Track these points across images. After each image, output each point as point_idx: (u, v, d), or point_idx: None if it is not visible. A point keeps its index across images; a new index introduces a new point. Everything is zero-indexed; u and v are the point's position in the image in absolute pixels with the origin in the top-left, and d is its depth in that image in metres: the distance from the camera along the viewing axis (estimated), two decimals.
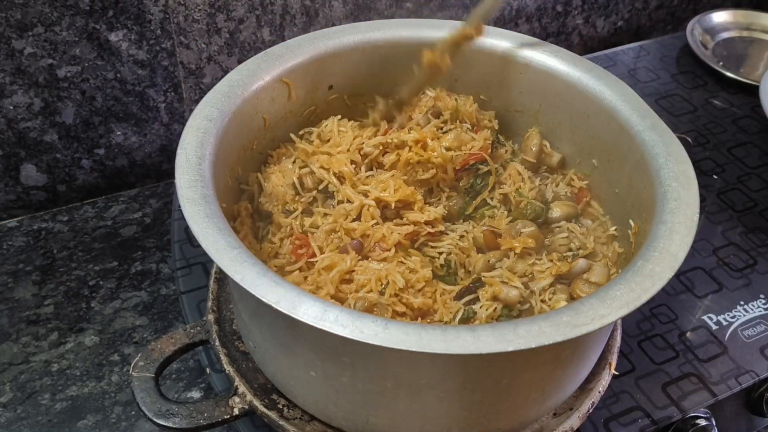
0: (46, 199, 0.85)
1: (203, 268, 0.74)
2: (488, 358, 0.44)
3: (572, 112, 0.65)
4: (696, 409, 0.65)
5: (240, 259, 0.44)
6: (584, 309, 0.43)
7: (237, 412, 0.54)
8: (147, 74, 0.82)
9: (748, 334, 0.71)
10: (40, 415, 0.63)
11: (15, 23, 0.72)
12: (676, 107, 1.02)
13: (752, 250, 0.80)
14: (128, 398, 0.65)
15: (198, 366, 0.67)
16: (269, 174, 0.63)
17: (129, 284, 0.75)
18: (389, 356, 0.45)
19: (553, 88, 0.65)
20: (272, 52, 0.63)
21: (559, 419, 0.56)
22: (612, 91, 0.61)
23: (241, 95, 0.59)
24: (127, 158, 0.87)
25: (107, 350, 0.69)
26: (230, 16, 0.83)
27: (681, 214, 0.50)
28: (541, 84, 0.66)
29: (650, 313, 0.73)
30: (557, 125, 0.67)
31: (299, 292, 0.43)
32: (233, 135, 0.59)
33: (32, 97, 0.77)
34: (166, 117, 0.86)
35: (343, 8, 0.89)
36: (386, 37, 0.67)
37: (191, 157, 0.52)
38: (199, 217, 0.47)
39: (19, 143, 0.79)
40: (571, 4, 1.09)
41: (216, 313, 0.60)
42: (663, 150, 0.55)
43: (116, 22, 0.76)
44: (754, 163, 0.93)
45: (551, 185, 0.65)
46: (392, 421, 0.50)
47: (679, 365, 0.68)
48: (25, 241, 0.79)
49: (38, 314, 0.72)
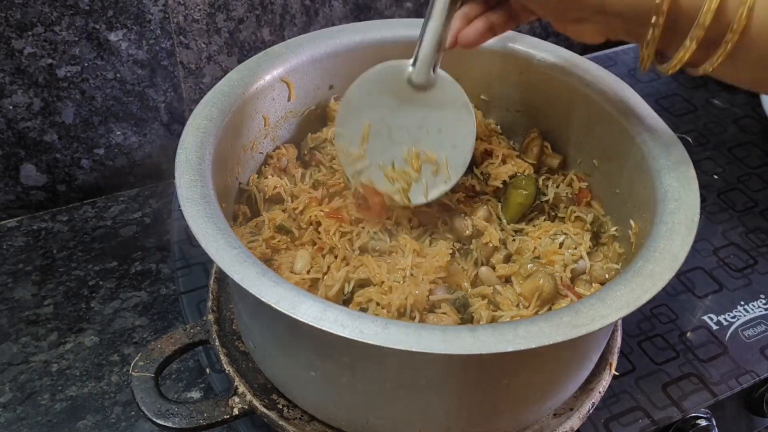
0: (46, 199, 0.85)
1: (203, 268, 0.74)
2: (488, 358, 0.44)
3: (573, 113, 0.65)
4: (696, 409, 0.65)
5: (240, 259, 0.44)
6: (584, 309, 0.43)
7: (237, 412, 0.54)
8: (147, 74, 0.82)
9: (748, 334, 0.71)
10: (40, 415, 0.63)
11: (15, 23, 0.72)
12: (676, 107, 1.01)
13: (752, 250, 0.80)
14: (128, 398, 0.65)
15: (198, 366, 0.67)
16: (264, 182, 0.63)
17: (129, 284, 0.75)
18: (389, 356, 0.45)
19: (554, 88, 0.65)
20: (272, 51, 0.63)
21: (559, 419, 0.55)
22: (613, 91, 0.61)
23: (241, 95, 0.59)
24: (127, 158, 0.87)
25: (107, 350, 0.69)
26: (230, 16, 0.83)
27: (681, 215, 0.49)
28: (542, 84, 0.66)
29: (650, 313, 0.73)
30: (558, 126, 0.67)
31: (299, 292, 0.43)
32: (233, 135, 0.59)
33: (32, 97, 0.77)
34: (166, 117, 0.86)
35: (343, 8, 0.89)
36: (386, 37, 0.67)
37: (191, 157, 0.52)
38: (199, 217, 0.47)
39: (19, 143, 0.79)
40: None
41: (216, 313, 0.60)
42: (663, 150, 0.55)
43: (116, 22, 0.76)
44: (755, 163, 0.93)
45: (552, 186, 0.65)
46: (392, 421, 0.50)
47: (680, 365, 0.68)
48: (25, 241, 0.79)
49: (38, 314, 0.72)
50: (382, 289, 0.52)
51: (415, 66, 0.56)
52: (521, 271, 0.57)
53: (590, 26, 0.48)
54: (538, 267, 0.56)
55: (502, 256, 0.58)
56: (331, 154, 0.65)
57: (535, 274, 0.55)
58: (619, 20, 0.46)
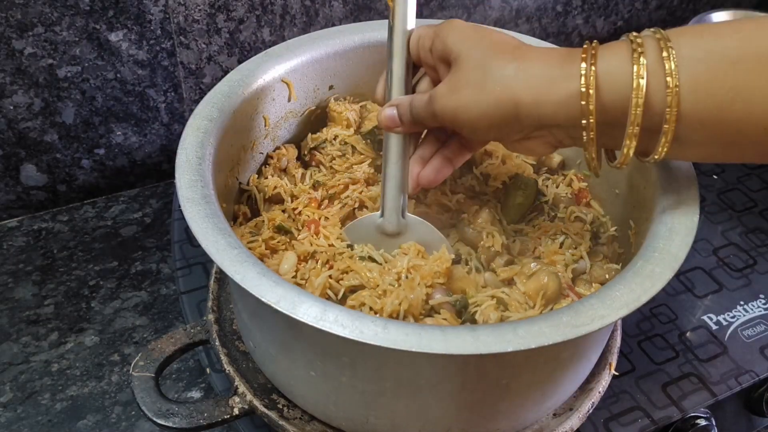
0: (46, 199, 0.85)
1: (203, 268, 0.74)
2: (488, 358, 0.44)
3: None
4: (696, 409, 0.65)
5: (240, 259, 0.44)
6: (584, 309, 0.43)
7: (237, 412, 0.54)
8: (147, 74, 0.82)
9: (748, 334, 0.71)
10: (40, 415, 0.63)
11: (15, 23, 0.72)
12: None
13: (752, 250, 0.80)
14: (128, 398, 0.65)
15: (198, 366, 0.67)
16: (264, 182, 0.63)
17: (129, 284, 0.75)
18: (389, 356, 0.45)
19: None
20: (272, 52, 0.63)
21: (559, 419, 0.56)
22: None
23: (241, 95, 0.59)
24: (127, 158, 0.87)
25: (107, 350, 0.69)
26: (230, 16, 0.83)
27: (681, 215, 0.50)
28: None
29: (650, 313, 0.73)
30: None
31: (299, 292, 0.43)
32: (233, 135, 0.59)
33: (32, 97, 0.77)
34: (166, 117, 0.86)
35: (343, 8, 0.89)
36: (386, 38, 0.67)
37: (191, 157, 0.52)
38: (199, 217, 0.47)
39: (19, 143, 0.79)
40: (570, 4, 1.09)
41: (216, 313, 0.60)
42: None
43: (116, 22, 0.76)
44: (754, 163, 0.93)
45: (552, 186, 0.65)
46: (392, 421, 0.50)
47: (679, 365, 0.68)
48: (25, 241, 0.79)
49: (38, 314, 0.72)
50: (375, 293, 0.51)
51: (384, 216, 0.56)
52: (524, 270, 0.56)
53: (537, 141, 0.48)
54: (541, 266, 0.56)
55: (503, 260, 0.58)
56: (331, 154, 0.65)
57: (539, 272, 0.55)
58: (560, 130, 0.46)
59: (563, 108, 0.44)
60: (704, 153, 0.45)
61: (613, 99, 0.43)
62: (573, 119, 0.44)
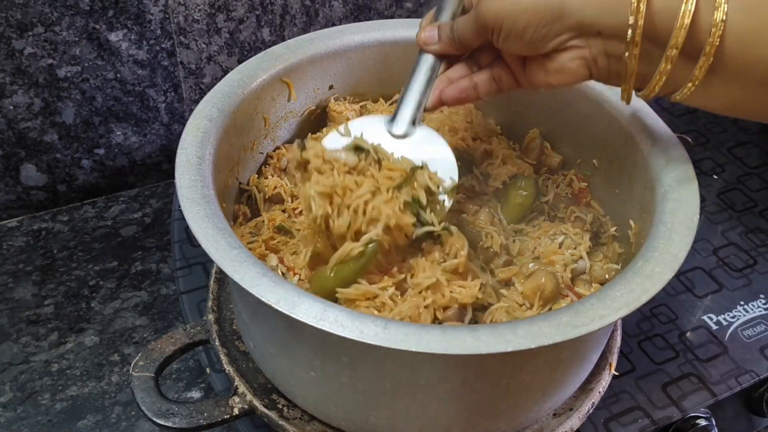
0: (46, 199, 0.85)
1: (203, 268, 0.74)
2: (488, 358, 0.44)
3: (573, 113, 0.65)
4: (696, 409, 0.65)
5: (240, 259, 0.44)
6: (584, 309, 0.43)
7: (237, 412, 0.54)
8: (147, 74, 0.82)
9: (748, 334, 0.71)
10: (40, 415, 0.63)
11: (15, 23, 0.72)
12: (676, 107, 1.01)
13: (752, 250, 0.80)
14: (128, 398, 0.65)
15: (198, 366, 0.67)
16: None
17: (129, 284, 0.75)
18: (389, 356, 0.45)
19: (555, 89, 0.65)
20: (272, 52, 0.63)
21: (559, 419, 0.56)
22: (612, 91, 0.61)
23: (241, 95, 0.59)
24: (127, 158, 0.87)
25: (107, 350, 0.69)
26: (230, 16, 0.83)
27: (681, 215, 0.49)
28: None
29: (650, 313, 0.73)
30: (558, 126, 0.67)
31: (299, 292, 0.43)
32: (233, 135, 0.59)
33: (32, 97, 0.77)
34: (166, 117, 0.86)
35: (343, 8, 0.89)
36: (386, 37, 0.67)
37: (191, 157, 0.52)
38: (199, 217, 0.47)
39: (19, 143, 0.79)
40: None
41: (216, 313, 0.60)
42: (663, 150, 0.55)
43: (116, 22, 0.76)
44: (754, 163, 0.93)
45: (552, 186, 0.65)
46: (392, 421, 0.50)
47: (679, 365, 0.68)
48: (25, 241, 0.79)
49: (38, 314, 0.72)
50: (375, 304, 0.51)
51: (395, 121, 0.56)
52: (522, 270, 0.56)
53: (571, 55, 0.48)
54: (539, 266, 0.56)
55: (501, 261, 0.58)
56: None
57: (537, 273, 0.55)
58: (599, 42, 0.46)
59: (608, 10, 0.44)
60: (731, 95, 0.45)
61: (661, 8, 0.43)
62: (615, 27, 0.44)
